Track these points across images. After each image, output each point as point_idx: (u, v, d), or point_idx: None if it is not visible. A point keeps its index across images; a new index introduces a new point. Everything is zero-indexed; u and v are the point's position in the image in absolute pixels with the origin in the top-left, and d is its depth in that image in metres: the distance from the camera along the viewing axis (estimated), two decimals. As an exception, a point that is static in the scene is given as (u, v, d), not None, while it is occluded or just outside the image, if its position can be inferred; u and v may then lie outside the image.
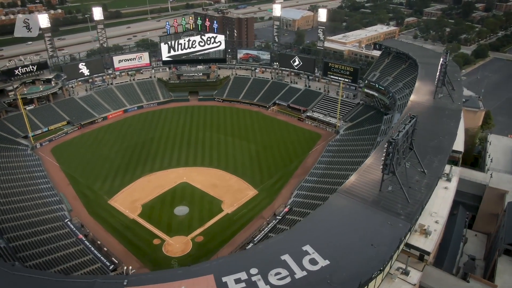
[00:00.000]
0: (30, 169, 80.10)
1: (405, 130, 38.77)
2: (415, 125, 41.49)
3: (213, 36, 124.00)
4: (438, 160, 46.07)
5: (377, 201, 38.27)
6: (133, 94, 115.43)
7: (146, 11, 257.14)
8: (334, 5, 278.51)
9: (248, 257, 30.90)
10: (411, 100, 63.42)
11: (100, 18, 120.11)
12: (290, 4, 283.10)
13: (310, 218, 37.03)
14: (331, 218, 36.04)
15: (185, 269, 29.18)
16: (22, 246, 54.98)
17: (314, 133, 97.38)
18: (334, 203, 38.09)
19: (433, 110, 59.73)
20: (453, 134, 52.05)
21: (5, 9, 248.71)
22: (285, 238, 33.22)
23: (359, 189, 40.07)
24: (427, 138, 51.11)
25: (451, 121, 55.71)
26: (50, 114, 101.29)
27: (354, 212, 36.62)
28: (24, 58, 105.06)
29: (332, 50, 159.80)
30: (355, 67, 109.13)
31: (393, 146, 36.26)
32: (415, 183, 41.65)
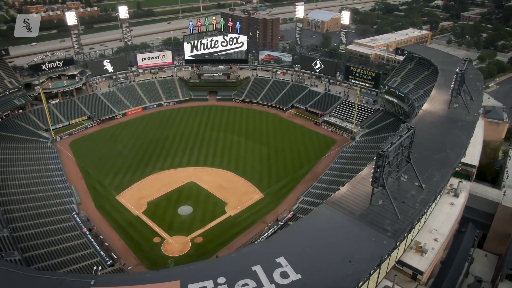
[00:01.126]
0: (47, 161, 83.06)
1: (398, 142, 36.85)
2: (413, 137, 39.36)
3: (235, 36, 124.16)
4: (440, 174, 43.61)
5: (365, 215, 36.63)
6: (154, 92, 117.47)
7: (178, 10, 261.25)
8: (367, 7, 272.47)
9: (219, 265, 30.34)
10: (423, 109, 60.60)
11: (125, 17, 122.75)
12: (321, 5, 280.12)
13: (291, 229, 35.94)
14: (312, 230, 34.79)
15: (153, 273, 29.05)
16: (26, 236, 56.89)
17: (329, 138, 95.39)
18: (319, 214, 36.81)
19: (445, 121, 56.79)
20: (462, 148, 49.21)
21: (45, 6, 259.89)
22: (261, 248, 32.38)
23: (348, 201, 38.53)
24: (433, 150, 48.62)
25: (463, 134, 52.69)
26: (72, 108, 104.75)
27: (338, 225, 35.20)
28: (52, 54, 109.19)
29: (359, 54, 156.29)
30: (377, 72, 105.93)
31: (383, 158, 34.56)
32: (410, 198, 39.58)
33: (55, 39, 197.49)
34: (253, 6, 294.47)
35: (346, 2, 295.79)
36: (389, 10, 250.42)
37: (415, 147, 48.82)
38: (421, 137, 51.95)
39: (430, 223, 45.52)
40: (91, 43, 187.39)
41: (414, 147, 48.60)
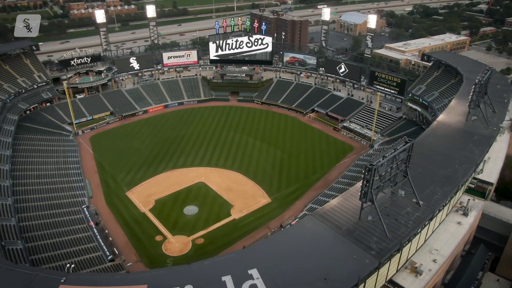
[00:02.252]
0: (67, 154, 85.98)
1: (391, 155, 34.82)
2: (410, 151, 37.07)
3: (260, 37, 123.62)
4: (442, 192, 40.92)
5: (351, 230, 34.88)
6: (176, 90, 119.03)
7: (212, 9, 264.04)
8: (404, 10, 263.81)
9: (189, 272, 29.77)
10: (438, 121, 57.35)
11: (152, 16, 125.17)
12: (355, 8, 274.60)
13: (271, 240, 34.83)
14: (293, 243, 33.47)
15: (123, 275, 29.02)
16: (33, 226, 58.88)
17: (346, 145, 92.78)
18: (303, 226, 35.45)
19: (459, 134, 53.43)
20: (472, 164, 46.03)
21: (87, 3, 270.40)
22: (236, 257, 31.51)
23: (337, 214, 36.88)
24: (439, 165, 45.79)
25: (477, 149, 49.32)
26: (96, 103, 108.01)
27: (321, 239, 33.68)
28: (80, 50, 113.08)
29: (388, 58, 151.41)
30: (402, 78, 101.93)
31: (371, 172, 32.76)
32: (404, 215, 37.32)
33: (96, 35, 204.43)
34: (287, 7, 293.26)
35: (383, 5, 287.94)
36: (428, 13, 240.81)
37: (420, 161, 46.52)
38: (429, 150, 49.45)
39: (431, 242, 42.97)
40: (124, 40, 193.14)
41: (419, 161, 46.34)
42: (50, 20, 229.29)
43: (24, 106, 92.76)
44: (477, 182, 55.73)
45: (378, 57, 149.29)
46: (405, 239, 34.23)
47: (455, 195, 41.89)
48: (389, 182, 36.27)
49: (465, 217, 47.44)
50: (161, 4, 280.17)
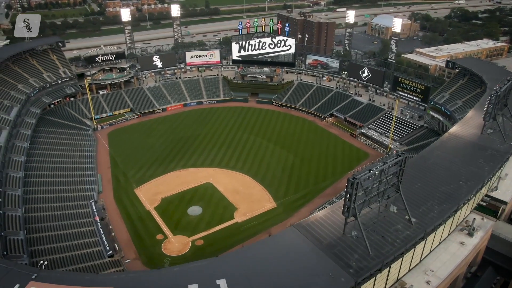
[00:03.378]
0: (83, 148, 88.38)
1: (378, 169, 32.94)
2: (403, 165, 34.91)
3: (283, 39, 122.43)
4: (439, 209, 38.39)
5: (333, 245, 33.28)
6: (196, 90, 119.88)
7: (243, 9, 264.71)
8: (441, 14, 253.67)
9: (157, 277, 29.33)
10: (449, 133, 54.13)
11: (177, 15, 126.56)
12: (390, 10, 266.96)
13: (246, 249, 33.77)
14: (268, 255, 32.27)
15: (92, 276, 29.00)
16: (38, 217, 60.66)
17: (362, 152, 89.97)
18: (282, 238, 34.14)
19: (470, 148, 50.13)
20: (479, 181, 42.98)
21: (122, 1, 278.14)
22: (206, 265, 30.76)
23: (321, 227, 35.35)
24: (442, 180, 43.07)
25: (487, 165, 46.07)
26: (117, 100, 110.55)
27: (298, 253, 32.30)
28: (105, 47, 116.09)
29: (418, 64, 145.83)
30: (426, 85, 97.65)
31: (353, 186, 31.13)
32: (392, 232, 35.22)
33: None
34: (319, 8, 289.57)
35: (417, 8, 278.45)
36: (466, 18, 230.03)
37: (422, 175, 44.09)
38: (434, 164, 46.79)
39: (428, 262, 40.51)
40: (154, 38, 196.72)
41: (420, 175, 43.94)
42: (86, 17, 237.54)
43: (48, 100, 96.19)
44: (490, 200, 52.46)
45: (406, 62, 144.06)
46: (389, 258, 32.27)
47: (455, 213, 39.18)
48: (376, 197, 34.33)
49: (469, 237, 44.49)
50: (194, 3, 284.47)
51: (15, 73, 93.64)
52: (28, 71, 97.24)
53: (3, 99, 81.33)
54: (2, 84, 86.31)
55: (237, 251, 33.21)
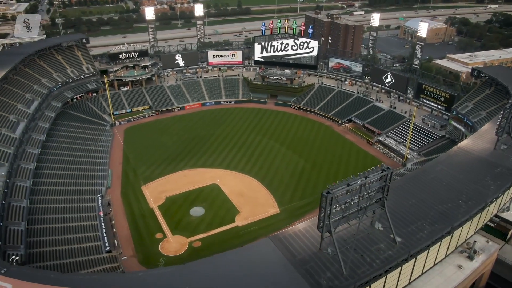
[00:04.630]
0: (99, 143, 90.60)
1: (358, 184, 31.05)
2: (388, 181, 32.79)
3: (306, 41, 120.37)
4: (430, 230, 35.84)
5: (306, 261, 31.73)
6: (216, 89, 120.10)
7: (274, 9, 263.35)
8: (483, 18, 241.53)
9: (120, 281, 29.02)
10: (458, 146, 50.77)
11: (200, 15, 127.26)
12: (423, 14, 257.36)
13: (213, 259, 32.80)
14: (236, 267, 31.12)
15: (58, 275, 29.11)
16: (42, 209, 62.44)
17: (376, 161, 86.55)
18: (254, 249, 32.96)
19: (479, 164, 46.68)
20: (482, 201, 39.89)
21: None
22: (171, 272, 30.12)
23: (298, 240, 33.85)
24: (439, 198, 40.25)
25: (494, 183, 42.70)
26: (137, 97, 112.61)
27: (268, 266, 30.95)
28: (129, 45, 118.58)
29: (448, 70, 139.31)
30: (451, 93, 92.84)
31: (326, 200, 29.52)
32: (374, 251, 33.16)
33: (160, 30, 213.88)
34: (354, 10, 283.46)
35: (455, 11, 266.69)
36: (508, 23, 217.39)
37: (418, 191, 41.58)
38: (434, 179, 43.99)
39: (418, 284, 38.08)
40: (184, 37, 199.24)
41: (416, 191, 41.46)
42: (121, 15, 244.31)
43: (70, 95, 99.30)
44: (500, 221, 48.94)
45: (436, 68, 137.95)
46: (363, 279, 30.35)
47: (448, 235, 36.50)
48: (356, 214, 32.44)
49: (469, 261, 41.51)
50: (226, 3, 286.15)
51: (40, 68, 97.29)
52: (53, 66, 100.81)
53: (25, 92, 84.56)
54: (27, 78, 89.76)
55: (206, 260, 32.41)
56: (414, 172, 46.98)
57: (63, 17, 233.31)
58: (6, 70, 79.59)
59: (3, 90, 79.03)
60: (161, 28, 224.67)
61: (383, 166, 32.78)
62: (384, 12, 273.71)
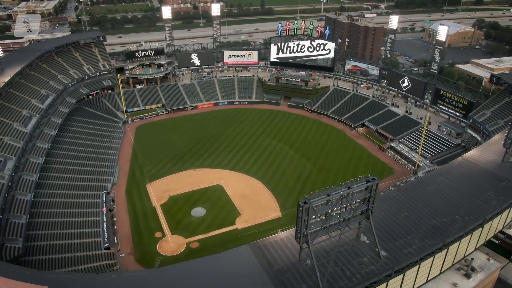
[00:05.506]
0: (110, 140, 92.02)
1: (338, 194, 29.78)
2: (373, 192, 31.36)
3: (323, 42, 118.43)
4: (420, 245, 34.09)
5: (283, 271, 30.72)
6: (229, 89, 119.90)
7: (297, 10, 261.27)
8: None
9: (93, 282, 28.91)
10: (463, 157, 48.28)
11: (216, 14, 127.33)
12: (450, 17, 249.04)
13: (189, 264, 32.25)
14: (210, 274, 30.38)
15: (33, 272, 29.31)
16: (46, 203, 63.73)
17: (387, 167, 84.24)
18: (232, 256, 32.17)
19: (482, 177, 44.18)
20: (480, 216, 37.71)
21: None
22: (143, 276, 29.79)
23: (278, 249, 32.88)
24: (436, 212, 38.29)
25: (497, 198, 40.32)
26: (151, 95, 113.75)
27: (242, 275, 30.11)
28: (145, 43, 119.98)
29: (472, 76, 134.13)
30: (470, 100, 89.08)
31: (302, 210, 28.46)
32: (355, 265, 31.77)
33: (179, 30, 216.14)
34: (379, 11, 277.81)
35: (485, 14, 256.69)
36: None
37: (413, 203, 39.80)
38: (432, 191, 42.02)
39: (405, 301, 36.34)
40: (206, 36, 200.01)
41: (411, 203, 39.72)
42: (144, 13, 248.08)
43: (85, 92, 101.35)
44: (505, 238, 46.41)
45: (459, 73, 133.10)
46: (341, 294, 29.15)
47: (440, 251, 34.64)
48: (338, 225, 31.18)
49: (465, 279, 39.38)
50: (250, 2, 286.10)
51: (57, 64, 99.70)
52: (70, 63, 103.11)
53: (41, 88, 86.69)
54: (43, 74, 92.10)
55: (182, 265, 31.97)
56: (412, 182, 45.00)
57: (89, 15, 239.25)
58: (22, 66, 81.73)
59: (18, 85, 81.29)
60: (184, 27, 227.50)
61: (368, 176, 31.39)
62: (411, 14, 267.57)
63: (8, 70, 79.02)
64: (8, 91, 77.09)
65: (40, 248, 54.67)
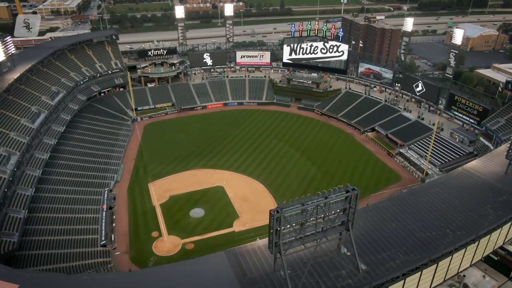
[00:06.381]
0: (118, 138, 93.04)
1: (314, 204, 28.70)
2: (353, 202, 30.11)
3: (336, 44, 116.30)
4: (403, 260, 32.58)
5: (256, 281, 29.82)
6: (240, 90, 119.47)
7: (316, 10, 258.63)
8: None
9: (63, 283, 28.85)
10: (463, 168, 46.13)
11: (230, 14, 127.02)
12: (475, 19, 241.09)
13: (160, 269, 31.72)
14: (181, 280, 29.90)
15: (8, 270, 29.50)
16: (47, 198, 64.80)
17: (394, 174, 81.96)
18: (206, 263, 31.49)
19: (482, 190, 41.94)
20: (473, 232, 35.80)
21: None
22: (114, 279, 29.49)
23: (254, 257, 32.01)
24: (425, 225, 36.58)
25: (495, 213, 38.23)
26: (162, 94, 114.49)
27: (213, 284, 29.45)
28: (158, 42, 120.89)
29: (491, 81, 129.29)
30: (485, 107, 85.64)
31: (274, 220, 27.56)
32: (332, 278, 30.58)
33: (196, 29, 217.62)
34: (403, 13, 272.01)
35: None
36: None
37: (402, 215, 38.24)
38: (424, 203, 40.32)
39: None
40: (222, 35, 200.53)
41: (401, 215, 38.18)
42: (164, 12, 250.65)
43: (96, 89, 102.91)
44: (505, 254, 44.14)
45: (479, 78, 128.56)
46: (312, 308, 28.10)
47: (425, 266, 33.04)
48: (314, 236, 30.10)
49: (457, 296, 37.59)
50: (269, 3, 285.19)
51: (70, 62, 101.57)
52: (82, 61, 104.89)
53: (52, 85, 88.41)
54: (55, 71, 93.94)
55: (153, 269, 31.58)
56: (403, 193, 43.28)
57: (111, 13, 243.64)
58: (33, 63, 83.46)
59: (30, 81, 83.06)
60: (202, 26, 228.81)
61: (347, 186, 30.21)
62: (434, 16, 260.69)
63: (20, 67, 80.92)
64: (19, 87, 78.85)
65: (37, 243, 55.60)
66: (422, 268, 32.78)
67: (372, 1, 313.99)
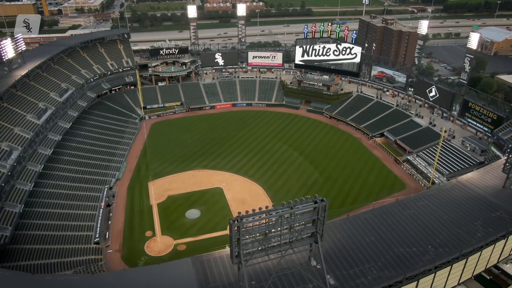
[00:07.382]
0: (124, 135, 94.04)
1: (277, 214, 27.63)
2: (322, 214, 28.86)
3: (349, 46, 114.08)
4: (376, 276, 31.07)
5: (219, 291, 29.16)
6: (250, 91, 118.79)
7: (336, 12, 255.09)
8: None
9: (29, 282, 28.91)
10: (458, 180, 43.84)
11: (242, 14, 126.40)
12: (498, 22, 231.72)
13: (124, 272, 31.38)
14: (139, 284, 29.39)
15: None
16: (45, 193, 65.90)
17: (399, 182, 79.43)
18: (170, 269, 30.87)
19: (474, 204, 39.70)
20: (456, 250, 33.85)
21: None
22: (79, 281, 29.34)
23: (221, 266, 31.10)
24: (406, 240, 34.88)
25: (484, 230, 36.08)
26: (172, 93, 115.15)
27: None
28: (170, 41, 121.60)
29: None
30: (499, 114, 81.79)
31: (231, 228, 26.69)
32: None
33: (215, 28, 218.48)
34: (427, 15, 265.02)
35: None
36: None
37: (383, 228, 36.64)
38: (409, 216, 38.50)
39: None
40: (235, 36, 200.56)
41: (381, 227, 36.58)
42: (183, 11, 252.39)
43: (106, 87, 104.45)
44: (500, 273, 41.74)
45: (499, 84, 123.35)
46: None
47: (399, 284, 31.40)
48: (279, 248, 29.02)
49: (439, 316, 35.67)
50: (290, 3, 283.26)
51: (82, 59, 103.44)
52: (94, 58, 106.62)
53: (61, 81, 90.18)
54: (67, 68, 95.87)
55: (117, 273, 31.28)
56: (389, 205, 41.42)
57: (132, 12, 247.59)
58: (43, 59, 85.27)
59: (39, 77, 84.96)
60: (220, 26, 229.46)
61: (315, 197, 29.03)
62: (459, 19, 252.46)
63: (30, 64, 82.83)
64: (28, 83, 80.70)
65: (31, 237, 56.57)
66: (396, 286, 31.18)
67: (396, 2, 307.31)
